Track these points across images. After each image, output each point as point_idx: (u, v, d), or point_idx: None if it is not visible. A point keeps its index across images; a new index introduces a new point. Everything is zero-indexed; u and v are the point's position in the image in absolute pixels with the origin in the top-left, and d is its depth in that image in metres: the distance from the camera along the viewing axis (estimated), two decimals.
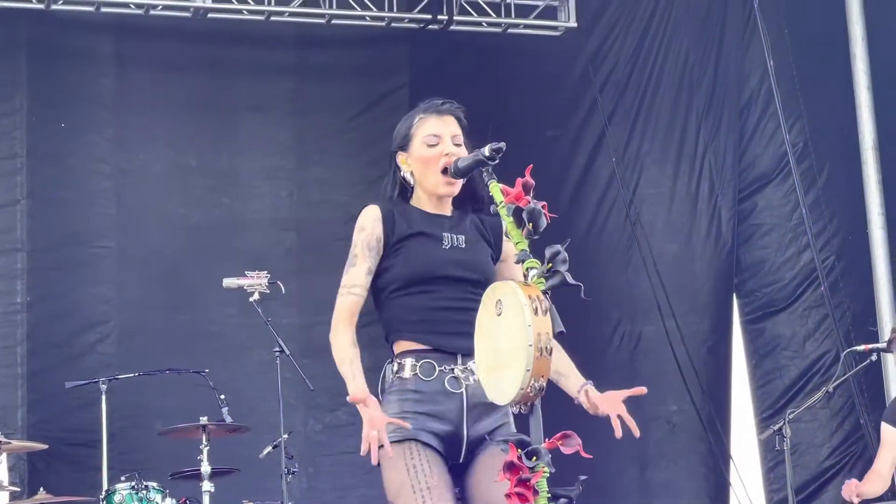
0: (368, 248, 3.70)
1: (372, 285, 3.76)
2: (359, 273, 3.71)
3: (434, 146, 3.72)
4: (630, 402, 9.27)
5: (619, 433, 3.56)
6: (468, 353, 3.47)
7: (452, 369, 3.65)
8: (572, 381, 3.70)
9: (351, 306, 3.72)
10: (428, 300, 3.69)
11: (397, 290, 3.72)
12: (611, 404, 3.61)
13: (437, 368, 3.65)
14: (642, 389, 3.64)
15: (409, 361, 3.68)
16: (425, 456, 3.60)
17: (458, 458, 3.67)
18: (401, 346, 3.73)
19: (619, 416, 3.56)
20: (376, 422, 3.49)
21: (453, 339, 3.63)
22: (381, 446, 3.47)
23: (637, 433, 3.56)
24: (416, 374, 3.66)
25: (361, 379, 3.64)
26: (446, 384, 3.64)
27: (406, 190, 3.80)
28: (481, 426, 3.64)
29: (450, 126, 3.75)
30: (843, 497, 6.28)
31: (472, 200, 3.80)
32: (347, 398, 3.60)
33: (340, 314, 3.73)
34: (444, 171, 3.67)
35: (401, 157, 3.77)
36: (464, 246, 3.74)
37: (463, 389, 3.64)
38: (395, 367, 3.71)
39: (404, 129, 3.78)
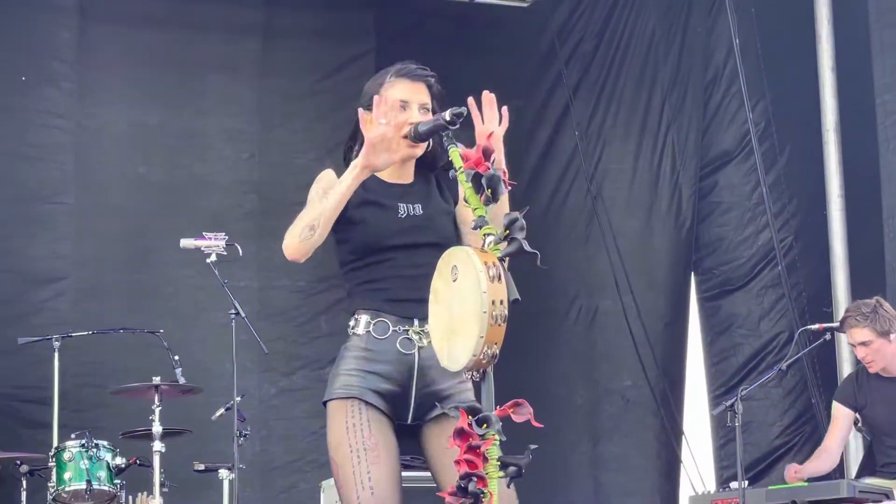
0: (325, 194, 3.65)
1: (336, 257, 3.74)
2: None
3: (401, 112, 3.67)
4: (586, 377, 9.31)
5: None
6: (425, 318, 3.47)
7: (407, 330, 3.64)
8: None
9: None
10: (385, 269, 3.68)
11: (355, 262, 3.71)
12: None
13: (392, 328, 3.64)
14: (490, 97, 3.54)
15: (364, 318, 3.67)
16: (367, 415, 3.59)
17: (405, 419, 3.67)
18: (357, 303, 3.72)
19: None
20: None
21: (410, 306, 3.62)
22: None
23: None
24: (370, 331, 3.65)
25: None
26: (398, 345, 3.64)
27: None
28: (433, 389, 3.63)
29: (419, 93, 3.72)
30: (785, 478, 6.33)
31: (433, 165, 3.78)
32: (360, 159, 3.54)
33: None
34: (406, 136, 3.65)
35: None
36: (420, 213, 3.73)
37: (415, 351, 3.63)
38: (352, 323, 3.69)
39: (373, 89, 3.72)
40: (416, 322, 3.62)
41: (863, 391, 6.37)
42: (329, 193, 3.58)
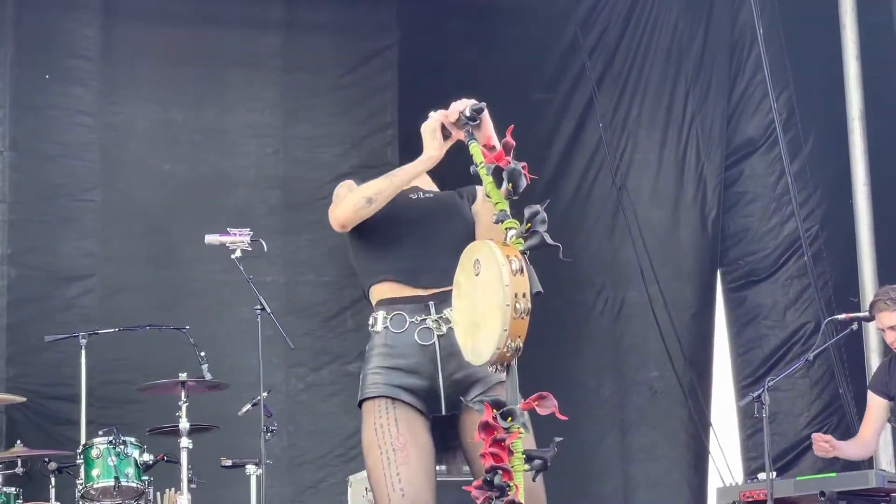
0: (350, 190, 3.73)
1: (352, 257, 3.79)
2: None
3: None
4: (613, 369, 9.30)
5: None
6: (442, 300, 3.52)
7: (424, 320, 3.64)
8: None
9: None
10: (393, 240, 3.70)
11: (365, 236, 3.72)
12: None
13: (409, 320, 3.65)
14: None
15: (381, 314, 3.69)
16: (394, 415, 3.59)
17: (439, 411, 3.66)
18: (374, 294, 3.73)
19: None
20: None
21: (420, 277, 3.63)
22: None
23: None
24: (387, 326, 3.66)
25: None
26: (417, 336, 3.64)
27: None
28: (461, 375, 3.62)
29: None
30: (816, 453, 6.29)
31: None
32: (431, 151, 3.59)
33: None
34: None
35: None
36: (431, 196, 3.80)
37: (435, 340, 3.63)
38: (371, 322, 3.71)
39: None
40: (432, 309, 3.62)
41: (894, 379, 6.33)
42: (395, 173, 3.66)
